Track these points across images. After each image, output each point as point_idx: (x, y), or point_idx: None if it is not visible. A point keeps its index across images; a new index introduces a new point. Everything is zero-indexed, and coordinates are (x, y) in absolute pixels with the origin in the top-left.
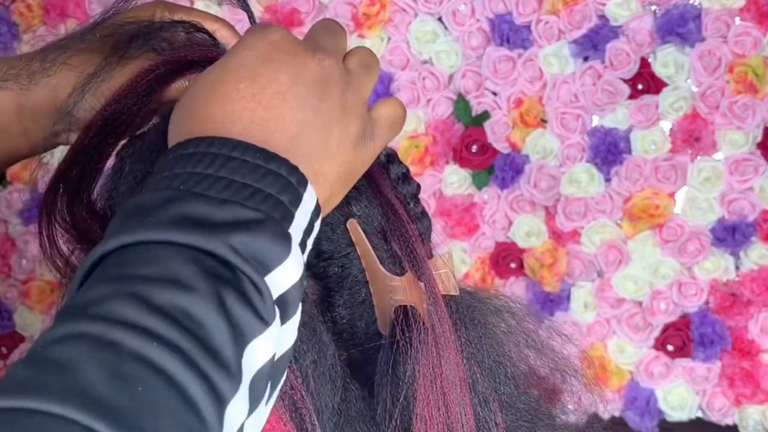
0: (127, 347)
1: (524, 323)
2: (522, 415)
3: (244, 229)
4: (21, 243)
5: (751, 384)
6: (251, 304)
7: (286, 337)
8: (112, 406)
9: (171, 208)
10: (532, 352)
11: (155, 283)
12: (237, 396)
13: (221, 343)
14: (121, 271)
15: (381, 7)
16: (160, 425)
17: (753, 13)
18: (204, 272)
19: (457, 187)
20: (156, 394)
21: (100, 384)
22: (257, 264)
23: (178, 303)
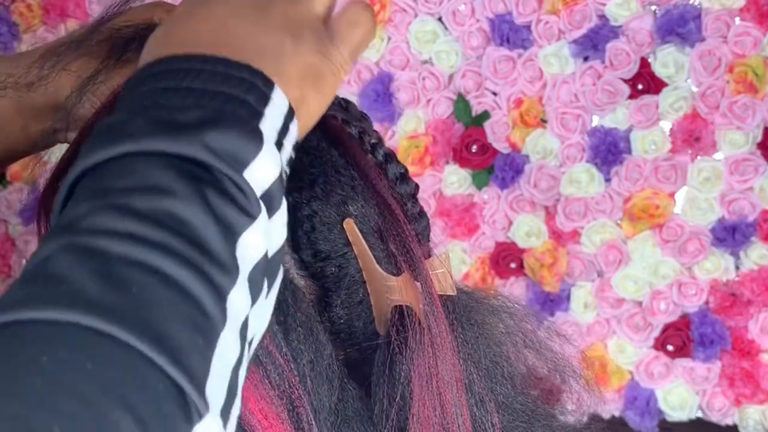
0: (115, 253)
1: (522, 323)
2: (519, 416)
3: (212, 126)
4: (21, 243)
5: (751, 384)
6: (233, 199)
7: (275, 232)
8: (108, 306)
9: (138, 120)
10: (531, 352)
11: (134, 192)
12: (236, 288)
13: (210, 239)
14: (99, 186)
15: (381, 7)
16: (162, 320)
17: (753, 13)
18: (181, 175)
19: (457, 187)
20: (152, 291)
21: (94, 288)
22: (231, 160)
23: (160, 206)
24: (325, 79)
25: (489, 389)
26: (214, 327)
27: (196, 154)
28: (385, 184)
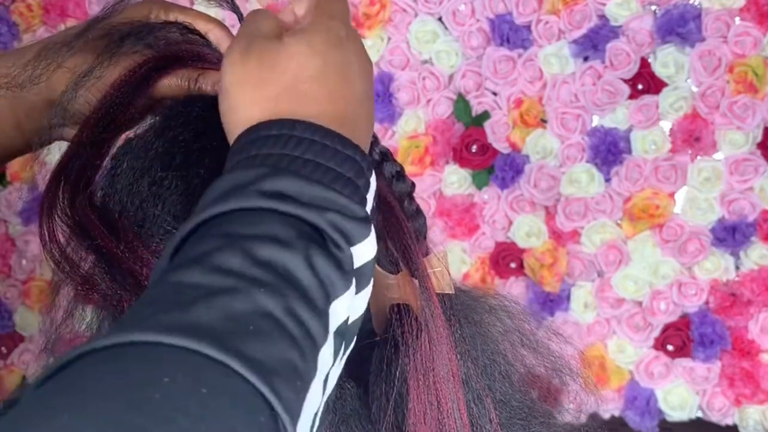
0: (240, 293)
1: (520, 322)
2: (516, 413)
3: (334, 209)
4: (21, 243)
5: (751, 384)
6: (340, 266)
7: (358, 305)
8: (227, 339)
9: (267, 182)
10: (528, 351)
11: (258, 240)
12: (326, 344)
13: (315, 296)
14: (227, 230)
15: (381, 7)
16: (271, 358)
17: (753, 13)
18: (300, 235)
19: (457, 187)
20: (265, 333)
21: (217, 322)
22: (345, 237)
23: (278, 258)
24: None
25: (486, 386)
26: (309, 374)
27: (318, 222)
28: (382, 182)
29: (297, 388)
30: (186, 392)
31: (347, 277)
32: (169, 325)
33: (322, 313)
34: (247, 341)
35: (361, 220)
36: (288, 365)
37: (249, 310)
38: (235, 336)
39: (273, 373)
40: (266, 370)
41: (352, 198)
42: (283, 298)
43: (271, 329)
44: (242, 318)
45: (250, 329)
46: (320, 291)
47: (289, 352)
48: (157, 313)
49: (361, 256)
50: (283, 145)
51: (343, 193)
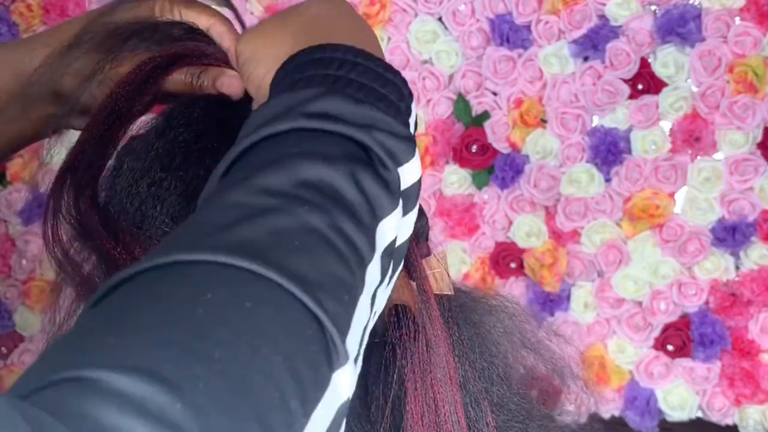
0: (284, 211)
1: (521, 323)
2: (514, 416)
3: (381, 128)
4: (21, 243)
5: (751, 384)
6: (387, 186)
7: (405, 228)
8: (272, 255)
9: (314, 104)
10: (528, 352)
11: (304, 158)
12: (373, 261)
13: (361, 213)
14: (272, 151)
15: (381, 7)
16: (317, 273)
17: (753, 13)
18: (346, 153)
19: (457, 187)
20: (312, 248)
21: (263, 239)
22: (392, 156)
23: (324, 176)
24: None
25: (484, 389)
26: (357, 289)
27: (366, 141)
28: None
29: (344, 302)
30: (228, 306)
31: (394, 197)
32: (212, 244)
33: (368, 230)
34: (291, 256)
35: (406, 139)
36: (334, 279)
37: (293, 227)
38: (279, 251)
39: (318, 287)
40: (310, 283)
41: (397, 118)
42: (328, 215)
43: (316, 244)
44: (286, 234)
45: (294, 245)
46: (367, 208)
47: (335, 266)
48: (201, 233)
49: (407, 177)
50: (326, 65)
51: (389, 113)
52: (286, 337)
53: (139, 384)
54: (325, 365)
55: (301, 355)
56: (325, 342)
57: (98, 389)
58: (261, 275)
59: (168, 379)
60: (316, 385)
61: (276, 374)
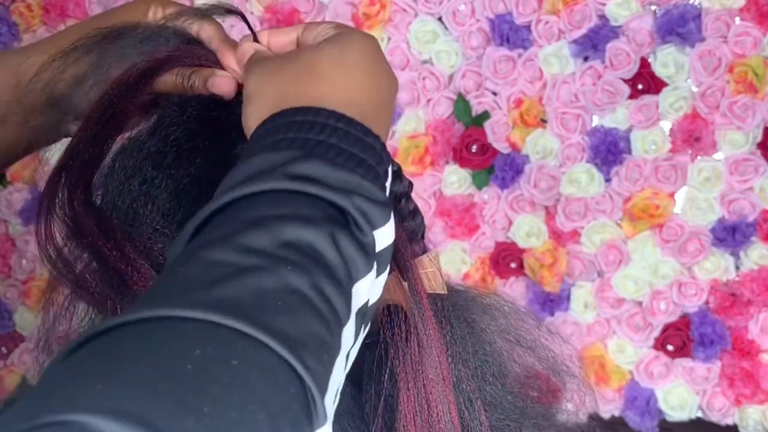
0: (265, 269)
1: (515, 321)
2: (508, 414)
3: (359, 193)
4: (21, 243)
5: (751, 384)
6: (363, 248)
7: (376, 289)
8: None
9: (295, 166)
10: (525, 350)
11: (285, 219)
12: (349, 322)
13: (340, 275)
14: (255, 211)
15: (381, 7)
16: (299, 332)
17: (753, 13)
18: (325, 216)
19: (457, 187)
20: (293, 308)
21: (246, 299)
22: (368, 220)
23: (305, 237)
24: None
25: (477, 388)
26: (335, 350)
27: (344, 204)
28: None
29: (324, 362)
30: (217, 363)
31: (369, 259)
32: (198, 301)
33: (345, 292)
34: (276, 316)
35: (383, 204)
36: (315, 339)
37: (277, 288)
38: (264, 311)
39: (301, 346)
40: (294, 343)
41: (375, 183)
42: (310, 276)
43: (299, 305)
44: (271, 295)
45: (278, 305)
46: (344, 271)
47: (316, 327)
48: (185, 288)
49: (382, 240)
50: (308, 130)
51: (367, 178)
52: (271, 395)
53: (127, 430)
54: (306, 424)
55: (284, 414)
56: (306, 402)
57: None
58: (246, 334)
59: (157, 427)
60: None
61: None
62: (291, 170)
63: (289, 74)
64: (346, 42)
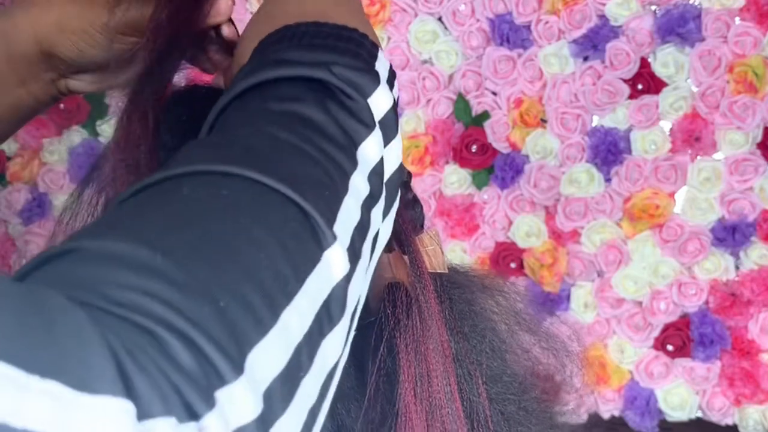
0: (256, 131)
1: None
2: (508, 388)
3: (339, 63)
4: (21, 243)
5: (751, 384)
6: (353, 112)
7: (392, 157)
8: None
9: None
10: (524, 330)
11: (272, 101)
12: (357, 173)
13: (335, 134)
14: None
15: (381, 7)
16: (294, 172)
17: (753, 13)
18: (310, 90)
19: (457, 187)
20: (285, 155)
21: (236, 151)
22: (355, 86)
23: (292, 108)
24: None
25: (477, 361)
26: (338, 189)
27: (326, 77)
28: None
29: (325, 197)
30: (205, 195)
31: (368, 124)
32: (192, 162)
33: (344, 148)
34: (266, 161)
35: (366, 71)
36: (309, 177)
37: (267, 143)
38: (253, 157)
39: (293, 180)
40: (284, 177)
41: (356, 58)
42: (301, 134)
43: (290, 152)
44: (260, 147)
45: (268, 154)
46: (340, 132)
47: (309, 168)
48: (180, 159)
49: (378, 106)
50: (282, 40)
51: (345, 54)
52: (267, 215)
53: (120, 244)
54: (312, 242)
55: (285, 229)
56: (310, 224)
57: (81, 254)
58: (235, 174)
59: (150, 241)
60: (306, 256)
61: (260, 241)
62: (269, 60)
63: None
64: None
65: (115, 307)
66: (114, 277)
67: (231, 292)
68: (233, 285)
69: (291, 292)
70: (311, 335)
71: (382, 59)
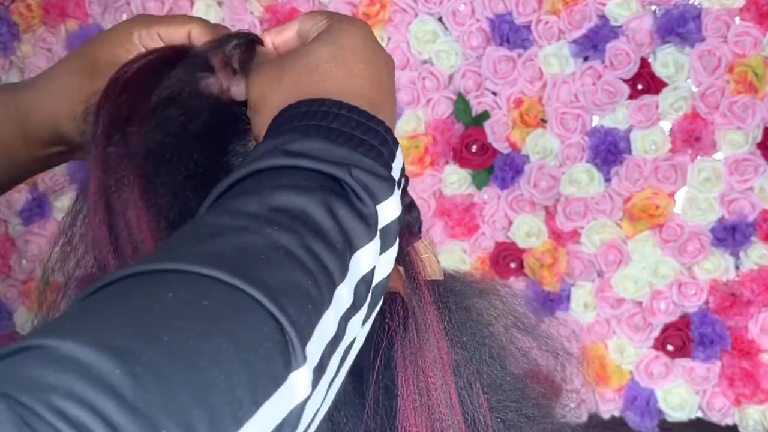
0: (252, 230)
1: (512, 306)
2: (508, 396)
3: (358, 166)
4: (21, 243)
5: (751, 384)
6: (362, 218)
7: (385, 265)
8: (233, 264)
9: (294, 144)
10: (522, 333)
11: (279, 188)
12: (344, 283)
13: (334, 238)
14: (250, 185)
15: (381, 7)
16: (279, 280)
17: (753, 13)
18: (322, 186)
19: (457, 187)
20: (275, 261)
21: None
22: (369, 192)
23: (296, 202)
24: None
25: (476, 371)
26: (322, 304)
27: (342, 176)
28: None
29: (308, 311)
30: (187, 303)
31: (370, 229)
32: (180, 255)
33: (340, 254)
34: (256, 267)
35: (385, 178)
36: (297, 289)
37: (260, 244)
38: (244, 262)
39: (279, 292)
40: (272, 289)
41: (377, 160)
42: (297, 235)
43: (282, 258)
44: (252, 250)
45: (260, 258)
46: (340, 235)
47: (299, 278)
48: (172, 247)
49: (386, 214)
50: (311, 117)
51: (368, 155)
52: (240, 330)
53: (84, 349)
54: (281, 363)
55: (255, 349)
56: (284, 342)
57: (41, 353)
58: (221, 280)
59: (114, 349)
60: (269, 379)
61: (225, 360)
62: (289, 147)
63: (290, 78)
64: (339, 34)
65: (56, 418)
66: (68, 385)
67: (177, 419)
68: (182, 410)
69: (242, 418)
70: None
71: (399, 157)
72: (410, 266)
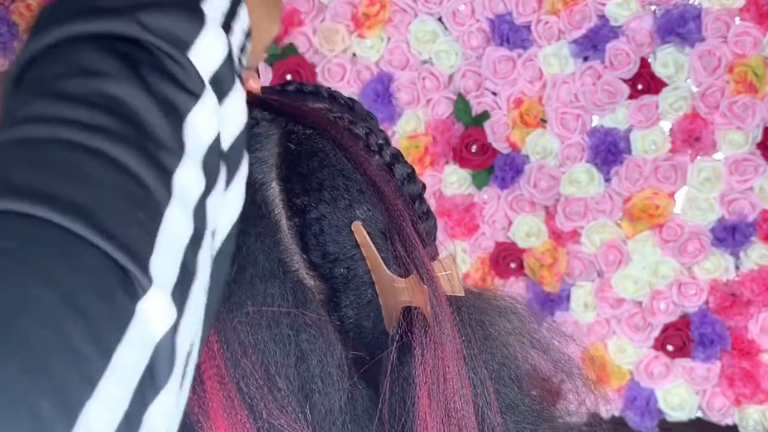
0: (43, 137)
1: (529, 324)
2: (525, 417)
3: (150, 6)
4: None
5: (751, 384)
6: (173, 77)
7: (232, 116)
8: (30, 188)
9: (72, 4)
10: (537, 352)
11: (65, 77)
12: (182, 166)
13: (147, 116)
14: (33, 77)
15: (381, 7)
16: (91, 195)
17: (753, 13)
18: (115, 56)
19: (457, 187)
20: (82, 169)
21: (17, 174)
22: (170, 38)
23: (94, 88)
24: None
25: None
26: (157, 202)
27: (134, 33)
28: (392, 186)
29: (137, 220)
30: None
31: (193, 85)
32: None
33: (162, 133)
34: (58, 184)
35: (188, 11)
36: (118, 197)
37: (61, 151)
38: (40, 181)
39: (93, 211)
40: (83, 209)
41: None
42: (103, 128)
43: (89, 164)
44: (50, 161)
45: (58, 171)
46: (155, 109)
47: (117, 184)
48: None
49: (207, 58)
50: None
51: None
52: (62, 272)
53: None
54: (122, 295)
55: (84, 289)
56: (119, 270)
57: None
58: (21, 212)
59: None
60: (112, 320)
61: (53, 314)
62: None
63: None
64: None
65: None
66: None
67: (14, 407)
68: (20, 395)
69: (94, 375)
70: (128, 419)
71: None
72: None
